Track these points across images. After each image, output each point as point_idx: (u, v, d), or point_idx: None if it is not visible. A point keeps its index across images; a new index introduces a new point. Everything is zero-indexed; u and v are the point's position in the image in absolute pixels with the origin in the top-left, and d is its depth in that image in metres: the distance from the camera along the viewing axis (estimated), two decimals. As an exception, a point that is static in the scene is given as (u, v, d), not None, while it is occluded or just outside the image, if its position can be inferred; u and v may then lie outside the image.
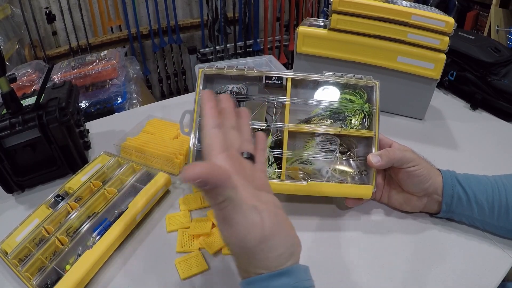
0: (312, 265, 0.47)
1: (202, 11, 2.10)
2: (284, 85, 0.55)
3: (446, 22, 0.67)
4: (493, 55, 0.83)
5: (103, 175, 0.58)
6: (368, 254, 0.49)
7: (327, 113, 0.57)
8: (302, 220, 0.54)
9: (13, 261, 0.45)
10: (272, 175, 0.52)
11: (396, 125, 0.78)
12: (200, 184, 0.28)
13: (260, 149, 0.41)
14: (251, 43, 2.24)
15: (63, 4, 1.83)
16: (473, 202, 0.49)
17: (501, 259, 0.48)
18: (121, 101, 1.45)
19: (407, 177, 0.51)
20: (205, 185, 0.28)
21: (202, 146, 0.37)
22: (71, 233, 0.49)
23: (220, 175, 0.28)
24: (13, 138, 0.54)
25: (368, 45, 0.72)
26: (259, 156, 0.40)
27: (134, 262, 0.48)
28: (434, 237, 0.51)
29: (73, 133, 0.59)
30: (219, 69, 0.55)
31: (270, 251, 0.32)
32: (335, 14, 0.71)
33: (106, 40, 1.99)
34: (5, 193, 0.59)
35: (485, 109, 0.85)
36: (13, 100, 0.55)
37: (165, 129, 0.70)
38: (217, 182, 0.28)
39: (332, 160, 0.54)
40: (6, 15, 1.61)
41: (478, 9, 1.92)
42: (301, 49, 0.76)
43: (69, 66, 1.43)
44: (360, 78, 0.55)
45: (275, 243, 0.32)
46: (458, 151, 0.71)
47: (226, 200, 0.30)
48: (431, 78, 0.73)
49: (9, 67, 1.43)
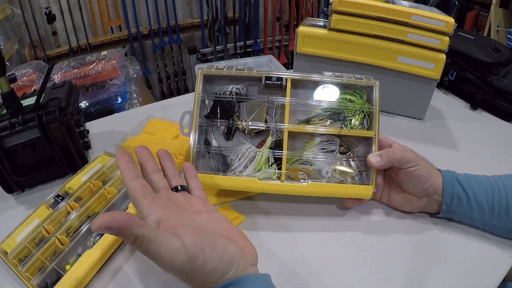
0: (312, 264, 0.47)
1: (202, 11, 2.10)
2: (284, 85, 0.55)
3: (446, 22, 0.67)
4: (493, 55, 0.83)
5: (103, 175, 0.58)
6: (368, 254, 0.49)
7: (327, 114, 0.57)
8: (302, 220, 0.54)
9: (13, 261, 0.45)
10: (272, 176, 0.52)
11: (396, 125, 0.78)
12: (106, 231, 0.30)
13: (190, 178, 0.46)
14: (251, 43, 2.24)
15: (63, 4, 1.83)
16: (473, 202, 0.49)
17: (501, 259, 0.48)
18: (121, 101, 1.45)
19: (407, 177, 0.51)
20: (110, 230, 0.30)
21: None
22: (71, 233, 0.49)
23: (120, 219, 0.30)
24: (13, 138, 0.54)
25: (368, 45, 0.72)
26: (192, 184, 0.45)
27: (134, 262, 0.48)
28: (434, 237, 0.51)
29: (73, 133, 0.59)
30: (218, 70, 0.55)
31: (203, 267, 0.34)
32: (335, 14, 0.71)
33: (106, 40, 1.99)
34: (5, 193, 0.59)
35: (485, 109, 0.85)
36: (13, 100, 0.55)
37: (165, 129, 0.70)
38: (119, 225, 0.30)
39: (332, 160, 0.54)
40: (6, 15, 1.61)
41: (478, 9, 1.92)
42: (301, 49, 0.76)
43: (69, 66, 1.43)
44: (359, 78, 0.55)
45: (205, 259, 0.34)
46: (458, 151, 0.71)
47: (137, 238, 0.31)
48: (431, 78, 0.73)
49: (9, 67, 1.43)
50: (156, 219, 0.36)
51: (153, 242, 0.32)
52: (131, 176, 0.39)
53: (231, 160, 0.55)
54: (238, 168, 0.54)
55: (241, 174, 0.53)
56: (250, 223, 0.53)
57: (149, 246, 0.32)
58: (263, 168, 0.53)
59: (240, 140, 0.56)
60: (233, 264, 0.36)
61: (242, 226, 0.53)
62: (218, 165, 0.55)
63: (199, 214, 0.40)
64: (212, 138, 0.57)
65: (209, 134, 0.57)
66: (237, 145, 0.56)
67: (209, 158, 0.56)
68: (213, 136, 0.57)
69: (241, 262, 0.36)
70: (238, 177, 0.52)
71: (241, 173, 0.53)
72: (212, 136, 0.57)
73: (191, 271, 0.33)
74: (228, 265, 0.35)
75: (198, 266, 0.33)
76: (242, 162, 0.54)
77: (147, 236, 0.32)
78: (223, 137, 0.57)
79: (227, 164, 0.55)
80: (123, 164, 0.40)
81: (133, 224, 0.31)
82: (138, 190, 0.38)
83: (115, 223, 0.30)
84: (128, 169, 0.40)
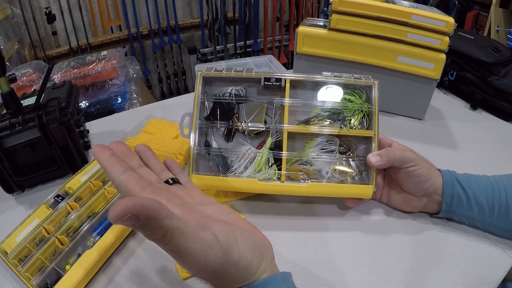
0: (312, 264, 0.47)
1: (202, 11, 2.10)
2: (283, 86, 0.55)
3: (446, 22, 0.67)
4: (493, 55, 0.83)
5: (103, 175, 0.58)
6: (368, 254, 0.49)
7: (327, 114, 0.57)
8: (302, 220, 0.54)
9: (13, 261, 0.45)
10: (272, 177, 0.52)
11: (396, 125, 0.78)
12: (132, 220, 0.24)
13: (177, 172, 0.40)
14: (251, 43, 2.24)
15: (63, 4, 1.83)
16: (473, 202, 0.49)
17: (501, 259, 0.48)
18: (121, 101, 1.45)
19: (407, 177, 0.51)
20: (137, 220, 0.24)
21: None
22: (71, 233, 0.49)
23: (149, 205, 0.24)
24: (13, 138, 0.54)
25: (368, 45, 0.72)
26: (181, 178, 0.40)
27: (134, 262, 0.48)
28: (434, 237, 0.51)
29: (73, 133, 0.59)
30: (217, 72, 0.55)
31: (238, 262, 0.29)
32: (335, 14, 0.71)
33: (106, 40, 1.99)
34: (5, 193, 0.59)
35: (485, 109, 0.85)
36: (13, 100, 0.55)
37: (165, 129, 0.70)
38: (149, 213, 0.24)
39: (332, 160, 0.54)
40: (6, 15, 1.61)
41: (478, 9, 1.92)
42: (301, 49, 0.76)
43: (69, 66, 1.43)
44: (358, 78, 0.55)
45: (239, 252, 0.29)
46: (458, 151, 0.71)
47: (168, 231, 0.25)
48: (431, 78, 0.73)
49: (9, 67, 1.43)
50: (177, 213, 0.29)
51: (185, 236, 0.26)
52: (120, 170, 0.33)
53: (231, 161, 0.55)
54: (238, 169, 0.54)
55: (241, 175, 0.53)
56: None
57: (181, 241, 0.26)
58: (263, 169, 0.53)
59: (240, 141, 0.57)
60: (263, 256, 0.32)
61: (242, 226, 0.53)
62: (219, 166, 0.55)
63: (204, 206, 0.35)
64: (212, 139, 0.57)
65: (209, 136, 0.57)
66: (237, 146, 0.56)
67: (210, 159, 0.56)
68: (213, 137, 0.57)
69: (268, 253, 0.33)
70: (239, 178, 0.52)
71: (241, 174, 0.53)
72: (212, 138, 0.57)
73: (226, 267, 0.29)
74: (260, 258, 0.31)
75: (234, 260, 0.29)
76: (242, 163, 0.54)
77: (179, 229, 0.26)
78: (223, 139, 0.57)
79: (227, 165, 0.55)
80: (106, 158, 0.34)
81: (164, 213, 0.25)
82: (133, 183, 0.32)
83: (144, 211, 0.24)
84: (114, 163, 0.34)
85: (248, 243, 0.31)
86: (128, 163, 0.36)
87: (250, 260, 0.30)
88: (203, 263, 0.27)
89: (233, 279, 0.30)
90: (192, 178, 0.52)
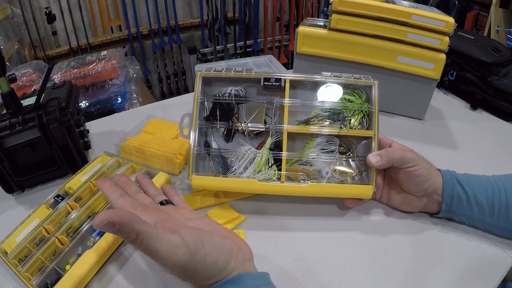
0: (312, 264, 0.47)
1: (202, 11, 2.10)
2: (283, 86, 0.55)
3: (446, 22, 0.67)
4: (493, 55, 0.83)
5: (103, 175, 0.58)
6: (368, 254, 0.49)
7: (326, 114, 0.57)
8: (302, 220, 0.54)
9: (13, 261, 0.45)
10: (272, 177, 0.52)
11: (396, 125, 0.78)
12: (108, 226, 0.30)
13: (172, 196, 0.48)
14: (251, 43, 2.24)
15: (63, 4, 1.83)
16: (473, 202, 0.49)
17: (501, 259, 0.48)
18: (121, 101, 1.45)
19: (407, 177, 0.51)
20: (113, 226, 0.30)
21: None
22: (71, 233, 0.49)
23: (122, 215, 0.31)
24: (13, 138, 0.54)
25: (368, 45, 0.72)
26: (175, 200, 0.47)
27: (134, 262, 0.48)
28: (434, 237, 0.51)
29: (73, 133, 0.59)
30: (217, 72, 0.55)
31: (204, 260, 0.34)
32: (335, 14, 0.71)
33: (106, 40, 1.99)
34: (5, 193, 0.59)
35: (485, 109, 0.85)
36: (13, 100, 0.55)
37: (165, 129, 0.70)
38: (121, 220, 0.30)
39: (332, 160, 0.54)
40: (6, 15, 1.61)
41: (478, 9, 1.92)
42: (301, 49, 0.76)
43: (69, 66, 1.43)
44: (358, 78, 0.55)
45: (205, 251, 0.35)
46: (458, 151, 0.71)
47: (139, 234, 0.31)
48: (431, 78, 0.73)
49: (9, 67, 1.43)
50: (152, 223, 0.36)
51: (154, 239, 0.32)
52: (117, 195, 0.42)
53: (231, 162, 0.55)
54: (238, 170, 0.54)
55: (241, 176, 0.53)
56: (250, 223, 0.53)
57: (150, 243, 0.32)
58: (263, 169, 0.53)
59: (240, 141, 0.57)
60: (232, 257, 0.36)
61: (242, 226, 0.53)
62: (218, 167, 0.55)
63: (190, 220, 0.42)
64: (212, 140, 0.57)
65: (209, 136, 0.57)
66: (236, 146, 0.56)
67: (209, 160, 0.56)
68: (213, 138, 0.57)
69: (239, 255, 0.37)
70: (238, 178, 0.52)
71: (241, 174, 0.53)
72: (212, 138, 0.57)
73: (193, 265, 0.34)
74: (228, 257, 0.36)
75: (200, 259, 0.34)
76: (242, 164, 0.54)
77: (148, 233, 0.32)
78: (223, 139, 0.57)
79: (227, 165, 0.55)
80: (107, 187, 0.43)
81: (134, 220, 0.32)
82: (127, 205, 0.40)
83: (118, 218, 0.30)
84: (113, 190, 0.42)
85: (214, 245, 0.36)
86: (127, 190, 0.45)
87: (215, 258, 0.35)
88: (172, 260, 0.33)
89: (202, 275, 0.35)
90: (192, 178, 0.52)
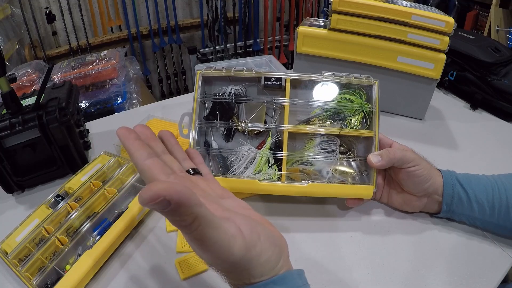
0: (313, 265, 0.47)
1: (202, 11, 2.10)
2: (283, 86, 0.55)
3: (446, 22, 0.67)
4: (493, 55, 0.83)
5: (103, 175, 0.58)
6: (368, 254, 0.49)
7: (327, 114, 0.57)
8: (302, 220, 0.54)
9: (13, 261, 0.45)
10: (273, 177, 0.52)
11: (396, 125, 0.78)
12: (162, 204, 0.24)
13: (199, 163, 0.40)
14: (251, 43, 2.24)
15: (63, 4, 1.83)
16: (474, 202, 0.49)
17: (501, 259, 0.48)
18: (121, 101, 1.45)
19: (407, 177, 0.51)
20: (168, 205, 0.24)
21: None
22: (71, 233, 0.49)
23: (182, 191, 0.25)
24: (13, 138, 0.54)
25: (368, 45, 0.72)
26: (202, 169, 0.40)
27: (134, 262, 0.48)
28: (434, 237, 0.51)
29: (73, 133, 0.59)
30: (217, 71, 0.55)
31: (259, 256, 0.30)
32: (335, 14, 0.71)
33: (106, 40, 1.99)
34: (5, 193, 0.59)
35: (485, 109, 0.85)
36: (13, 100, 0.55)
37: (165, 129, 0.69)
38: (181, 199, 0.24)
39: (333, 160, 0.54)
40: (6, 15, 1.61)
41: (478, 9, 1.92)
42: (301, 49, 0.76)
43: (69, 66, 1.43)
44: (359, 78, 0.55)
45: (261, 247, 0.30)
46: (458, 151, 0.71)
47: (196, 219, 0.26)
48: (431, 78, 0.73)
49: (9, 67, 1.43)
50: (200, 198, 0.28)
51: (212, 226, 0.27)
52: (145, 154, 0.33)
53: (231, 162, 0.55)
54: (238, 170, 0.54)
55: (241, 176, 0.53)
56: (250, 223, 0.53)
57: (206, 231, 0.27)
58: (264, 169, 0.53)
59: (240, 141, 0.56)
60: (282, 253, 0.32)
61: (242, 226, 0.53)
62: (218, 166, 0.55)
63: (224, 199, 0.35)
64: (211, 139, 0.57)
65: (209, 136, 0.57)
66: (237, 146, 0.56)
67: (209, 159, 0.56)
68: (212, 137, 0.57)
69: (285, 250, 0.33)
70: (239, 178, 0.52)
71: (241, 174, 0.53)
72: (212, 138, 0.57)
73: (246, 261, 0.29)
74: (279, 254, 0.32)
75: (255, 255, 0.30)
76: (242, 164, 0.54)
77: (207, 218, 0.27)
78: (223, 139, 0.57)
79: (227, 165, 0.55)
80: (131, 141, 0.33)
81: (195, 201, 0.26)
82: (158, 169, 0.32)
83: (177, 196, 0.24)
84: (139, 147, 0.33)
85: (269, 239, 0.31)
86: (153, 148, 0.36)
87: (270, 255, 0.31)
88: (226, 254, 0.28)
89: (252, 273, 0.30)
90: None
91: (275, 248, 0.31)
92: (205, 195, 0.33)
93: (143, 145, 0.34)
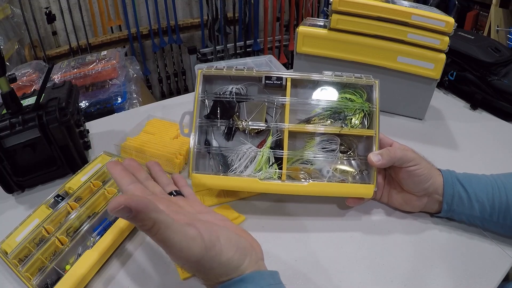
0: (312, 264, 0.47)
1: (202, 11, 2.10)
2: (284, 85, 0.55)
3: (446, 22, 0.67)
4: (493, 55, 0.83)
5: (103, 175, 0.58)
6: (368, 254, 0.49)
7: (327, 113, 0.57)
8: (302, 220, 0.54)
9: (13, 261, 0.45)
10: (273, 176, 0.52)
11: (396, 125, 0.78)
12: (124, 211, 0.29)
13: (182, 186, 0.46)
14: (251, 43, 2.24)
15: (63, 4, 1.83)
16: (474, 201, 0.49)
17: (501, 259, 0.48)
18: (121, 101, 1.45)
19: (407, 176, 0.51)
20: (129, 212, 0.29)
21: None
22: (71, 233, 0.49)
23: (140, 200, 0.29)
24: (13, 138, 0.54)
25: (368, 45, 0.72)
26: (185, 191, 0.45)
27: (134, 262, 0.48)
28: (434, 237, 0.51)
29: (73, 133, 0.59)
30: (218, 70, 0.55)
31: (219, 256, 0.33)
32: (335, 14, 0.71)
33: (106, 40, 1.99)
34: (5, 193, 0.59)
35: (485, 109, 0.85)
36: (13, 100, 0.55)
37: (165, 129, 0.70)
38: (138, 206, 0.29)
39: (333, 159, 0.54)
40: (6, 15, 1.61)
41: (478, 9, 1.92)
42: (301, 49, 0.76)
43: (69, 66, 1.43)
44: (359, 77, 0.55)
45: (221, 247, 0.33)
46: (458, 151, 0.71)
47: (155, 223, 0.30)
48: (431, 78, 0.73)
49: (9, 67, 1.43)
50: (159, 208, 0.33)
51: (170, 229, 0.31)
52: (128, 181, 0.39)
53: (231, 160, 0.55)
54: (239, 168, 0.54)
55: (241, 174, 0.53)
56: (250, 223, 0.53)
57: (166, 234, 0.31)
58: (264, 168, 0.53)
59: (241, 140, 0.56)
60: (247, 255, 0.35)
61: (242, 226, 0.53)
62: (219, 165, 0.55)
63: (202, 214, 0.40)
64: (212, 138, 0.57)
65: (209, 135, 0.57)
66: (237, 145, 0.56)
67: (210, 158, 0.56)
68: (213, 136, 0.57)
69: (253, 254, 0.36)
70: (239, 177, 0.52)
71: (241, 173, 0.53)
72: (213, 137, 0.57)
73: (207, 261, 0.33)
74: (243, 255, 0.35)
75: (215, 254, 0.33)
76: (243, 162, 0.54)
77: (165, 222, 0.30)
78: (224, 137, 0.57)
79: (228, 164, 0.55)
80: (118, 172, 0.40)
81: (152, 207, 0.30)
82: (138, 192, 0.38)
83: (135, 204, 0.29)
84: (123, 175, 0.40)
85: (230, 241, 0.35)
86: (137, 176, 0.42)
87: (231, 256, 0.34)
88: (187, 254, 0.32)
89: (216, 272, 0.34)
90: (192, 177, 0.52)
91: (236, 250, 0.35)
92: (181, 211, 0.38)
93: (128, 173, 0.41)
